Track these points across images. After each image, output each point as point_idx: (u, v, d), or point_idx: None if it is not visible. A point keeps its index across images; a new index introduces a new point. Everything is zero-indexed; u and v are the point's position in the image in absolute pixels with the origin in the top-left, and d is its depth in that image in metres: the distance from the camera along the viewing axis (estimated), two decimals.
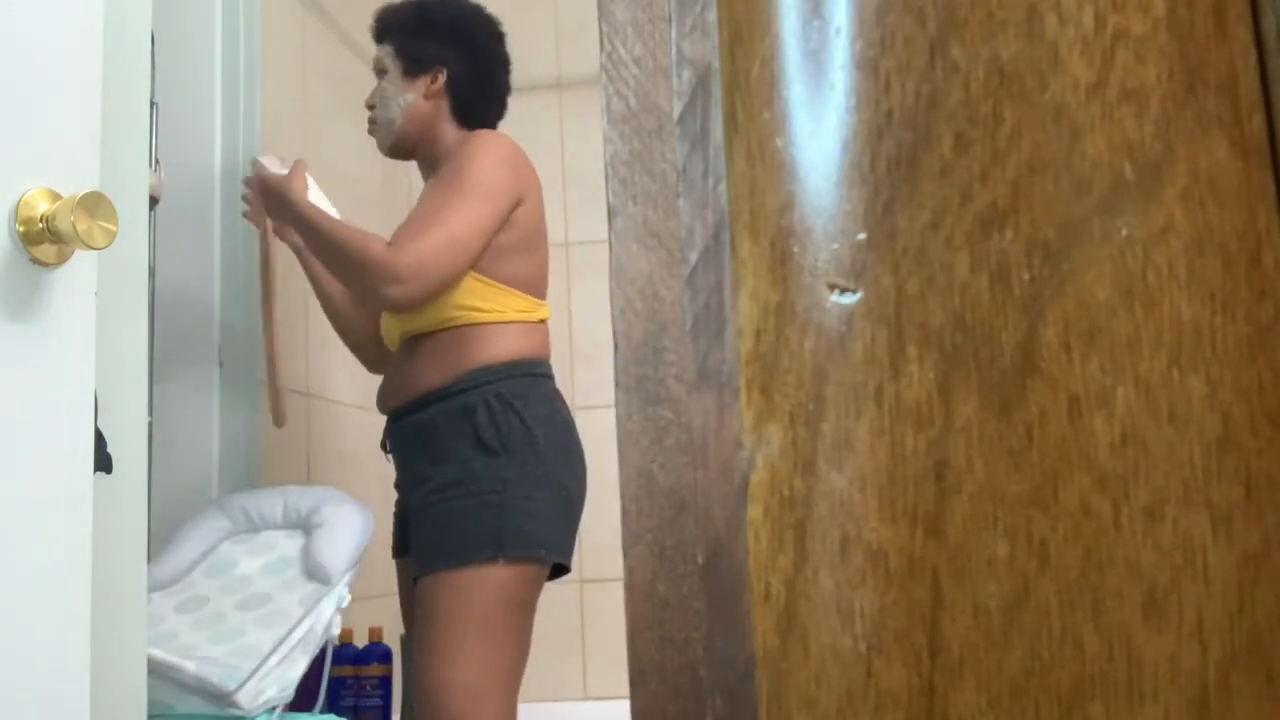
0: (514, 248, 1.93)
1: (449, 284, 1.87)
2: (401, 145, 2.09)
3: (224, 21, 2.22)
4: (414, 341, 1.97)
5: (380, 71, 2.11)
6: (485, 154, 1.92)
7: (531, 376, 1.93)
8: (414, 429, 1.94)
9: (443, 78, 2.05)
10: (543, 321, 2.00)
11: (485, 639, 1.78)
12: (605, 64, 0.72)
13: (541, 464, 1.85)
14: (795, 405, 0.66)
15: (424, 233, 1.84)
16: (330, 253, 1.91)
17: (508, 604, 1.80)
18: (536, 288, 1.99)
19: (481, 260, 1.90)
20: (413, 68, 2.06)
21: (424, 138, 2.08)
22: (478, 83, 2.08)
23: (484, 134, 1.98)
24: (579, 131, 3.28)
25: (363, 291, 1.90)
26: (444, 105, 2.06)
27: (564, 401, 1.98)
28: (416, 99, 2.06)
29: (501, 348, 1.91)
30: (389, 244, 1.84)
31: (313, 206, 1.96)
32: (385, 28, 2.10)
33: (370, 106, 2.12)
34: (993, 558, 0.63)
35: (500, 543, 1.79)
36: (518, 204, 1.93)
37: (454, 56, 2.07)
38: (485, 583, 1.79)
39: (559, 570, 1.91)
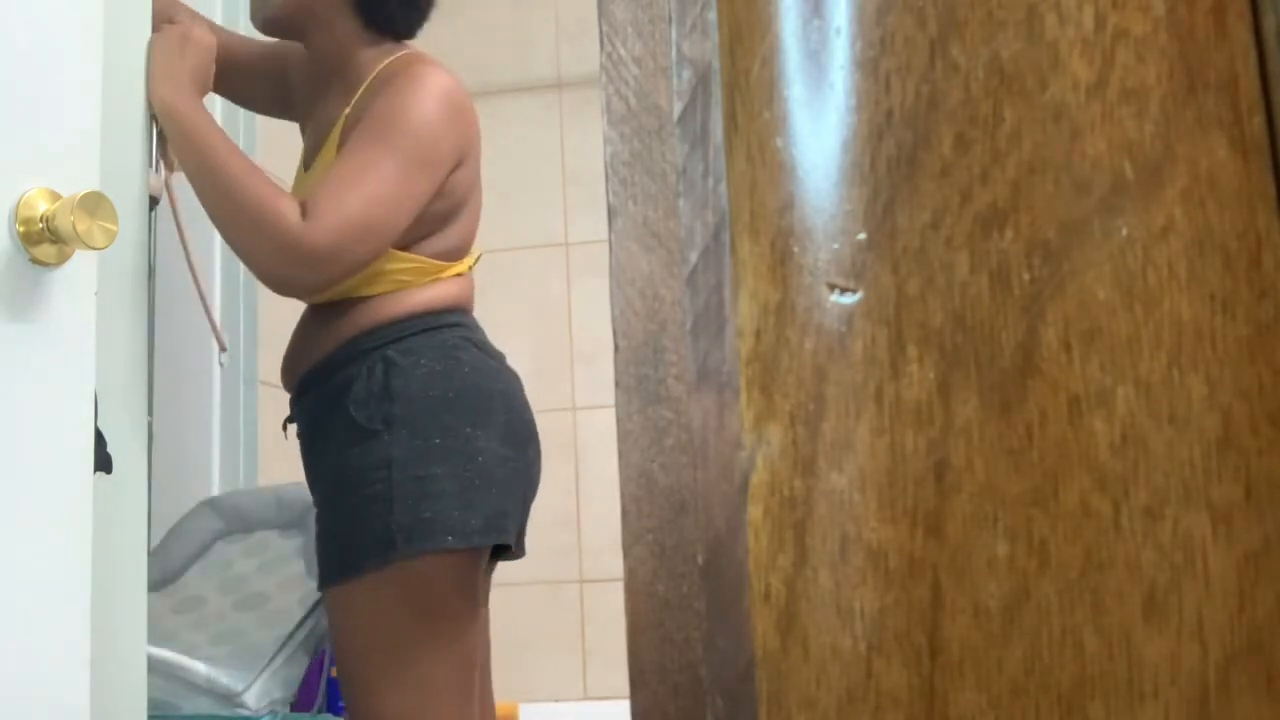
0: (442, 217, 1.55)
1: (359, 271, 1.49)
2: (279, 24, 1.62)
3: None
4: (312, 309, 1.62)
5: None
6: (427, 98, 1.50)
7: (430, 330, 1.52)
8: (301, 417, 1.61)
9: None
10: (460, 275, 1.60)
11: (404, 657, 1.46)
12: (605, 64, 0.72)
13: (438, 432, 1.47)
14: (795, 405, 0.66)
15: (345, 204, 1.43)
16: (220, 189, 1.42)
17: (423, 610, 1.47)
18: (460, 253, 1.60)
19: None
20: None
21: (314, 27, 1.61)
22: None
23: (425, 68, 1.54)
24: (579, 131, 3.28)
25: (254, 257, 1.46)
26: None
27: (479, 349, 1.57)
28: None
29: (398, 306, 1.53)
30: (305, 211, 1.42)
31: (207, 115, 1.42)
32: None
33: None
34: (993, 558, 0.63)
35: (390, 541, 1.43)
36: (457, 166, 1.54)
37: None
38: (386, 593, 1.45)
39: (504, 550, 1.56)
